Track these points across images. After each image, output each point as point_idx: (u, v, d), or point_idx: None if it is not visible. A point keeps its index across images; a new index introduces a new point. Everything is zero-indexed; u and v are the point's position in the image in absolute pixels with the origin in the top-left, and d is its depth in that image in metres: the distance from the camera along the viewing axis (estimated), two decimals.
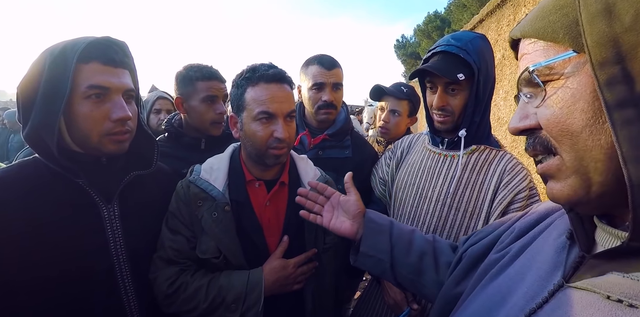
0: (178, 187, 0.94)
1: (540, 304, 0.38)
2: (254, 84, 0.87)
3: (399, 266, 0.75)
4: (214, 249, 0.88)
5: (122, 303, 0.80)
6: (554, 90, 0.36)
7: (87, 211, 0.77)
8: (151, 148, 0.90)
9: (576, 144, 0.34)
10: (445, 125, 1.03)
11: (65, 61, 0.69)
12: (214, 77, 1.23)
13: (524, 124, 0.39)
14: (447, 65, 0.97)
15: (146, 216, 0.89)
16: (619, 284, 0.31)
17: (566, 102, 0.34)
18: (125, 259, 0.81)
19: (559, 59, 0.35)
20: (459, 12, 11.93)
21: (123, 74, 0.77)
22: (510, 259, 0.51)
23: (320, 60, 1.30)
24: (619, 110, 0.29)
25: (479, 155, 1.03)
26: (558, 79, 0.35)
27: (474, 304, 0.50)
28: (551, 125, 0.36)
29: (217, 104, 1.25)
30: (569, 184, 0.36)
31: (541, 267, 0.43)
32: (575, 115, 0.34)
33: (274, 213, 0.95)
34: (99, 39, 0.75)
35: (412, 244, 0.76)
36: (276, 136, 0.87)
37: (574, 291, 0.35)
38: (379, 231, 0.77)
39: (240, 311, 0.86)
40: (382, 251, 0.75)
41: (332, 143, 1.36)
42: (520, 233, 0.56)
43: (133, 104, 0.81)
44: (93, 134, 0.74)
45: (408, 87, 1.74)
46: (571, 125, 0.34)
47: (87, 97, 0.72)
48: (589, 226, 0.41)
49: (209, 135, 1.29)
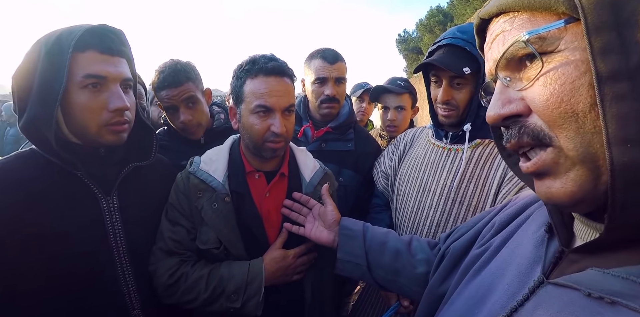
0: (178, 178, 0.93)
1: (521, 301, 0.36)
2: (253, 77, 0.86)
3: (376, 267, 0.76)
4: (214, 240, 0.88)
5: (123, 295, 0.79)
6: (551, 64, 0.30)
7: (86, 202, 0.75)
8: (150, 139, 0.88)
9: (583, 127, 0.29)
10: (449, 119, 1.01)
11: (61, 50, 0.67)
12: (166, 86, 1.15)
13: (509, 110, 0.34)
14: (453, 58, 0.94)
15: (145, 208, 0.87)
16: (599, 281, 0.30)
17: (569, 77, 0.29)
18: (125, 251, 0.79)
19: (554, 27, 0.30)
20: (461, 6, 11.77)
21: (120, 63, 0.74)
22: (491, 255, 0.49)
23: (323, 54, 1.29)
24: (612, 83, 0.26)
25: (483, 149, 1.01)
26: (552, 51, 0.30)
27: (457, 302, 0.49)
28: (551, 106, 0.30)
29: (178, 112, 1.18)
30: (571, 178, 0.31)
31: (521, 262, 0.41)
32: (582, 91, 0.28)
33: (273, 204, 0.94)
34: (95, 27, 0.72)
35: (386, 245, 0.78)
36: (273, 130, 0.86)
37: (555, 288, 0.34)
38: (353, 236, 0.79)
39: (241, 301, 0.85)
40: (357, 256, 0.77)
41: (335, 136, 1.35)
42: (500, 227, 0.53)
43: (131, 93, 0.79)
44: (91, 124, 0.72)
45: (403, 80, 1.70)
46: (577, 104, 0.29)
47: (84, 86, 0.70)
48: (567, 218, 0.39)
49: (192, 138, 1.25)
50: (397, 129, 1.66)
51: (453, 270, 0.58)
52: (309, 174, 1.00)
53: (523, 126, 0.33)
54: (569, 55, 0.29)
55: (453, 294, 0.51)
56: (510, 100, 0.34)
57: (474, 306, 0.44)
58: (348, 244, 0.79)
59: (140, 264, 0.84)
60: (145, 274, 0.86)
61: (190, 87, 1.17)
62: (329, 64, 1.27)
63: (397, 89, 1.63)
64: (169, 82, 1.14)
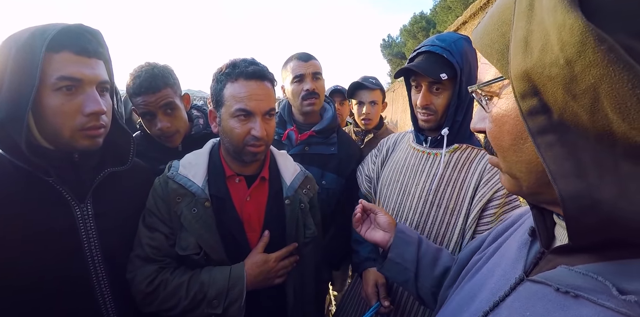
0: (156, 183, 0.90)
1: (502, 297, 0.40)
2: (233, 81, 0.84)
3: (423, 277, 0.76)
4: (194, 246, 0.85)
5: (99, 306, 0.76)
6: (492, 107, 0.38)
7: (58, 210, 0.71)
8: (127, 143, 0.84)
9: (507, 158, 0.38)
10: (428, 123, 1.02)
11: (32, 50, 0.62)
12: (142, 92, 1.07)
13: (479, 127, 0.43)
14: (431, 65, 0.96)
15: (122, 215, 0.83)
16: (566, 277, 0.33)
17: (498, 122, 0.37)
18: (101, 260, 0.76)
19: (492, 83, 0.37)
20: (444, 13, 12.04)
21: (97, 65, 0.71)
22: (486, 259, 0.53)
23: (296, 55, 1.35)
24: (541, 136, 0.31)
25: (460, 154, 1.03)
26: (494, 97, 0.38)
27: (452, 303, 0.52)
28: (490, 137, 0.39)
29: (155, 119, 1.11)
30: (505, 179, 0.41)
31: (507, 263, 0.46)
32: (504, 135, 0.37)
33: (254, 208, 0.93)
34: (71, 27, 0.68)
35: (438, 259, 0.78)
36: (253, 134, 0.84)
37: (532, 285, 0.38)
38: (408, 241, 0.80)
39: (222, 306, 0.83)
40: (408, 261, 0.77)
41: (319, 139, 1.36)
42: (497, 235, 0.58)
43: (107, 96, 0.75)
44: (64, 129, 0.68)
45: (373, 78, 1.87)
46: (502, 142, 0.37)
47: (57, 89, 0.66)
48: (550, 223, 0.42)
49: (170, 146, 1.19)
50: (371, 121, 1.82)
51: (459, 276, 0.61)
52: (290, 177, 0.99)
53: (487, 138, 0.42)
54: (502, 105, 0.36)
55: (450, 298, 0.55)
56: (483, 118, 0.42)
57: (464, 305, 0.48)
58: (402, 247, 0.79)
59: (116, 274, 0.80)
60: (122, 283, 0.82)
61: (168, 93, 1.10)
62: (303, 62, 1.32)
63: (371, 85, 1.79)
64: (146, 88, 1.07)
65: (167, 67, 1.15)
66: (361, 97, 1.80)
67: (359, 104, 1.83)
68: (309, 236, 0.98)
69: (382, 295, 1.02)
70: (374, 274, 1.07)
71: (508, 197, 0.98)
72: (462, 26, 4.87)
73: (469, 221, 0.96)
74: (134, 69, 1.12)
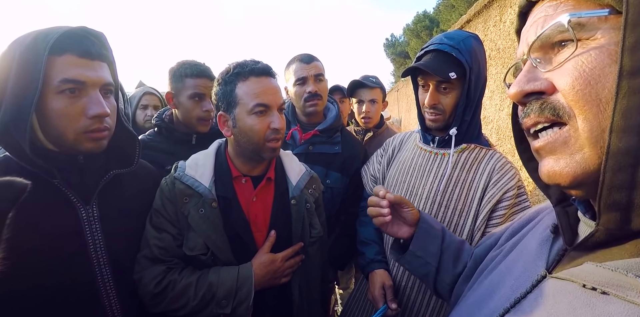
0: (162, 184, 0.89)
1: (524, 294, 0.39)
2: (244, 79, 0.84)
3: (444, 272, 0.71)
4: (201, 246, 0.85)
5: (105, 308, 0.74)
6: (585, 49, 0.31)
7: (64, 212, 0.70)
8: (132, 145, 0.83)
9: (603, 112, 0.30)
10: (436, 123, 1.00)
11: (36, 53, 0.62)
12: (203, 74, 1.19)
13: (534, 87, 0.34)
14: (439, 63, 0.93)
15: (127, 217, 0.82)
16: (593, 273, 0.32)
17: (600, 63, 0.30)
18: (107, 262, 0.74)
19: (597, 14, 0.30)
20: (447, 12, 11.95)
21: (100, 67, 0.69)
22: (503, 256, 0.51)
23: (298, 57, 1.35)
24: (630, 78, 0.27)
25: (469, 154, 1.00)
26: (588, 38, 0.31)
27: (469, 299, 0.51)
28: (577, 87, 0.31)
29: (204, 101, 1.21)
30: (576, 160, 0.32)
31: (527, 260, 0.44)
32: (609, 79, 0.29)
33: (260, 209, 0.92)
34: (74, 29, 0.67)
35: (461, 254, 0.73)
36: (274, 127, 0.85)
37: (555, 281, 0.36)
38: (433, 234, 0.73)
39: (231, 306, 0.83)
40: (431, 255, 0.72)
41: (323, 139, 1.35)
42: (514, 231, 0.55)
43: (112, 99, 0.74)
44: (68, 131, 0.67)
45: (374, 77, 1.84)
46: (602, 90, 0.30)
47: (60, 92, 0.65)
48: (573, 220, 0.40)
49: (197, 132, 1.26)
50: (371, 120, 1.79)
51: (474, 272, 0.59)
52: (296, 177, 0.98)
53: (545, 102, 0.34)
54: (604, 42, 0.30)
55: (467, 293, 0.54)
56: (536, 78, 0.35)
57: (482, 301, 0.46)
58: (425, 239, 0.72)
59: (122, 276, 0.79)
60: (127, 285, 0.81)
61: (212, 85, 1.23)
62: (305, 64, 1.32)
63: (371, 84, 1.77)
64: (207, 75, 1.20)
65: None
66: (361, 96, 1.79)
67: (359, 103, 1.81)
68: (314, 235, 0.98)
69: (389, 297, 1.00)
70: (381, 276, 1.06)
71: (518, 198, 0.96)
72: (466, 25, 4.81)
73: (478, 222, 0.94)
74: (182, 60, 1.23)
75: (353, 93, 1.82)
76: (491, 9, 3.91)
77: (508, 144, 2.09)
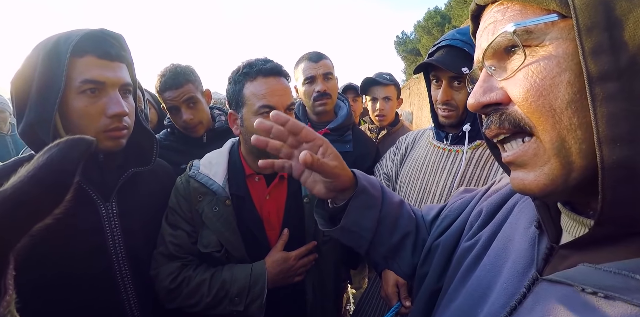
0: (177, 182, 0.92)
1: (519, 300, 0.37)
2: (252, 79, 0.85)
3: (379, 244, 0.63)
4: (215, 243, 0.87)
5: (122, 302, 0.77)
6: (534, 58, 0.30)
7: (85, 209, 0.73)
8: (150, 144, 0.86)
9: (559, 123, 0.29)
10: (449, 119, 1.00)
11: (58, 55, 0.65)
12: (167, 88, 1.21)
13: (489, 98, 0.34)
14: (452, 58, 0.93)
15: (145, 213, 0.85)
16: (592, 276, 0.30)
17: (550, 72, 0.29)
18: (125, 258, 0.77)
19: (542, 21, 0.29)
20: (459, 8, 11.76)
21: (119, 68, 0.73)
22: (482, 248, 0.49)
23: (307, 56, 1.36)
24: (602, 83, 0.26)
25: (483, 151, 0.99)
26: (537, 45, 0.30)
27: (457, 300, 0.48)
28: (530, 98, 0.30)
29: (180, 112, 1.24)
30: (545, 172, 0.31)
31: (516, 260, 0.41)
32: (560, 88, 0.29)
33: (273, 207, 0.93)
34: (94, 32, 0.70)
35: (399, 222, 0.63)
36: None
37: (550, 285, 0.34)
38: (370, 204, 0.61)
39: (244, 303, 0.84)
40: (366, 229, 0.60)
41: (334, 137, 1.36)
42: (487, 217, 0.52)
43: (130, 98, 0.76)
44: (89, 130, 0.70)
45: (388, 74, 1.83)
46: (555, 100, 0.29)
47: (81, 92, 0.68)
48: (554, 213, 0.39)
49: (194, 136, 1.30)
50: (385, 118, 1.78)
51: (447, 265, 0.56)
52: None
53: (504, 113, 0.34)
54: (552, 50, 0.29)
55: (450, 290, 0.51)
56: (491, 88, 0.35)
57: (474, 305, 0.43)
58: (361, 212, 0.60)
59: (140, 271, 0.82)
60: (145, 281, 0.84)
61: (190, 89, 1.23)
62: (314, 62, 1.33)
63: (384, 81, 1.76)
64: (170, 85, 1.21)
65: (189, 66, 1.28)
66: (375, 93, 1.77)
67: (372, 101, 1.79)
68: (327, 234, 0.98)
69: (403, 295, 1.00)
70: (394, 274, 1.06)
71: None
72: None
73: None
74: (161, 70, 1.26)
75: (366, 91, 1.81)
76: None
77: None
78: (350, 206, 0.59)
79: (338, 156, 0.59)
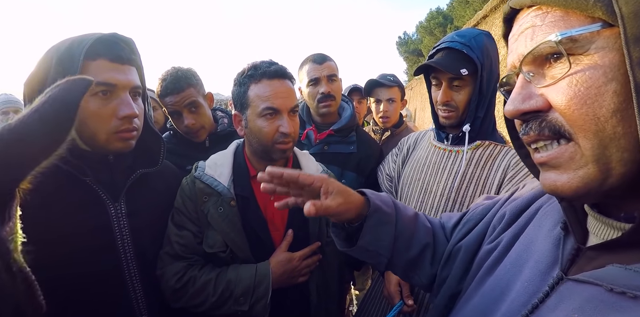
0: (183, 183, 0.94)
1: (542, 298, 0.37)
2: (256, 81, 0.87)
3: (397, 259, 0.65)
4: (220, 243, 0.88)
5: (130, 300, 0.80)
6: (579, 67, 0.30)
7: (95, 209, 0.76)
8: (157, 146, 0.89)
9: (602, 131, 0.29)
10: (449, 120, 1.02)
11: (72, 58, 0.68)
12: (168, 93, 1.20)
13: (529, 106, 0.34)
14: (451, 61, 0.96)
15: (153, 214, 0.88)
16: (621, 277, 0.30)
17: (595, 82, 0.29)
18: (133, 257, 0.80)
19: (588, 30, 0.29)
20: (461, 8, 11.75)
21: (130, 71, 0.75)
22: (504, 250, 0.49)
23: (311, 58, 1.37)
24: None
25: (483, 151, 1.01)
26: (582, 54, 0.30)
27: (474, 299, 0.48)
28: (573, 107, 0.30)
29: (182, 117, 1.24)
30: (580, 175, 0.32)
31: (539, 259, 0.41)
32: (606, 97, 0.29)
33: None
34: (106, 36, 0.73)
35: (415, 236, 0.65)
36: (282, 131, 0.87)
37: (575, 284, 0.35)
38: (384, 221, 0.63)
39: (248, 303, 0.86)
40: (383, 247, 0.63)
41: (338, 138, 1.38)
42: (510, 220, 0.52)
43: (140, 101, 0.80)
44: (100, 131, 0.73)
45: (392, 75, 1.85)
46: (600, 109, 0.29)
47: (94, 94, 0.71)
48: (581, 215, 0.39)
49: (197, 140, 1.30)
50: (389, 119, 1.81)
51: (468, 268, 0.56)
52: None
53: (544, 121, 0.34)
54: (598, 60, 0.29)
55: (468, 290, 0.51)
56: (530, 96, 0.34)
57: (492, 303, 0.44)
58: (377, 232, 0.62)
59: (147, 270, 0.84)
60: (152, 279, 0.86)
61: (191, 93, 1.22)
62: (318, 64, 1.34)
63: (388, 83, 1.78)
64: (171, 89, 1.20)
65: (190, 69, 1.27)
66: (378, 95, 1.80)
67: (376, 102, 1.82)
68: (331, 235, 0.99)
69: (405, 294, 1.02)
70: None
71: None
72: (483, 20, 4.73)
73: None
74: (162, 74, 1.24)
75: (370, 93, 1.83)
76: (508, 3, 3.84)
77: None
78: (366, 226, 0.62)
79: (342, 190, 0.61)
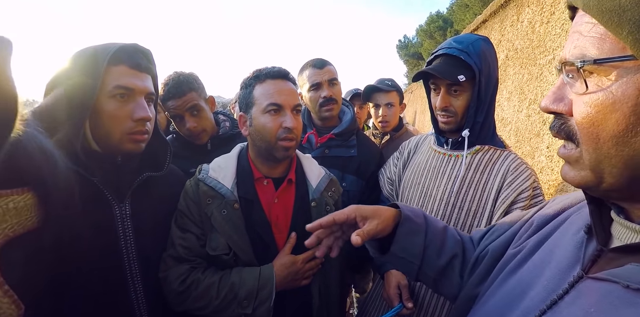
0: (187, 185, 0.96)
1: (561, 295, 0.39)
2: (261, 82, 0.93)
3: (427, 267, 0.70)
4: (224, 246, 0.90)
5: (131, 302, 0.82)
6: (596, 88, 0.34)
7: (100, 208, 0.79)
8: (164, 151, 0.93)
9: (599, 149, 0.35)
10: (449, 125, 1.05)
11: (96, 63, 0.74)
12: (170, 97, 1.25)
13: (557, 108, 0.39)
14: (448, 67, 0.99)
15: (157, 216, 0.91)
16: (638, 274, 0.32)
17: (604, 108, 0.33)
18: (135, 258, 0.82)
19: (612, 61, 0.32)
20: (461, 12, 11.85)
21: (146, 78, 0.82)
22: (527, 254, 0.52)
23: (311, 63, 1.41)
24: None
25: (482, 155, 1.04)
26: (604, 75, 0.33)
27: (493, 298, 0.51)
28: (584, 124, 0.35)
29: (184, 121, 1.28)
30: (581, 175, 0.38)
31: (561, 260, 0.44)
32: (609, 124, 0.33)
33: (281, 210, 0.97)
34: (128, 45, 0.80)
35: (445, 246, 0.71)
36: (285, 126, 0.91)
37: (594, 282, 0.37)
38: (415, 231, 0.69)
39: (252, 306, 0.87)
40: (413, 255, 0.69)
41: (338, 142, 1.41)
42: (537, 227, 0.56)
43: (152, 107, 0.85)
44: (115, 132, 0.78)
45: (390, 79, 1.89)
46: (601, 132, 0.34)
47: (112, 96, 0.77)
48: (606, 220, 0.42)
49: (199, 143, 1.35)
50: (388, 123, 1.85)
51: (491, 269, 0.59)
52: (315, 180, 1.03)
53: (564, 124, 0.39)
54: (614, 90, 0.33)
55: (490, 290, 0.53)
56: (562, 98, 0.39)
57: (512, 301, 0.46)
58: (407, 239, 0.69)
59: (149, 272, 0.86)
60: (154, 282, 0.88)
61: (193, 97, 1.26)
62: (318, 69, 1.38)
63: (386, 88, 1.82)
64: (173, 94, 1.24)
65: (192, 74, 1.32)
66: (377, 100, 1.84)
67: (375, 107, 1.86)
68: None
69: (405, 297, 1.04)
70: (396, 276, 1.09)
71: (533, 199, 0.98)
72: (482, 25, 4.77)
73: (492, 223, 0.96)
74: (164, 78, 1.28)
75: (369, 98, 1.87)
76: (508, 8, 3.88)
77: (527, 146, 2.07)
78: (398, 233, 0.68)
79: (374, 211, 0.69)
